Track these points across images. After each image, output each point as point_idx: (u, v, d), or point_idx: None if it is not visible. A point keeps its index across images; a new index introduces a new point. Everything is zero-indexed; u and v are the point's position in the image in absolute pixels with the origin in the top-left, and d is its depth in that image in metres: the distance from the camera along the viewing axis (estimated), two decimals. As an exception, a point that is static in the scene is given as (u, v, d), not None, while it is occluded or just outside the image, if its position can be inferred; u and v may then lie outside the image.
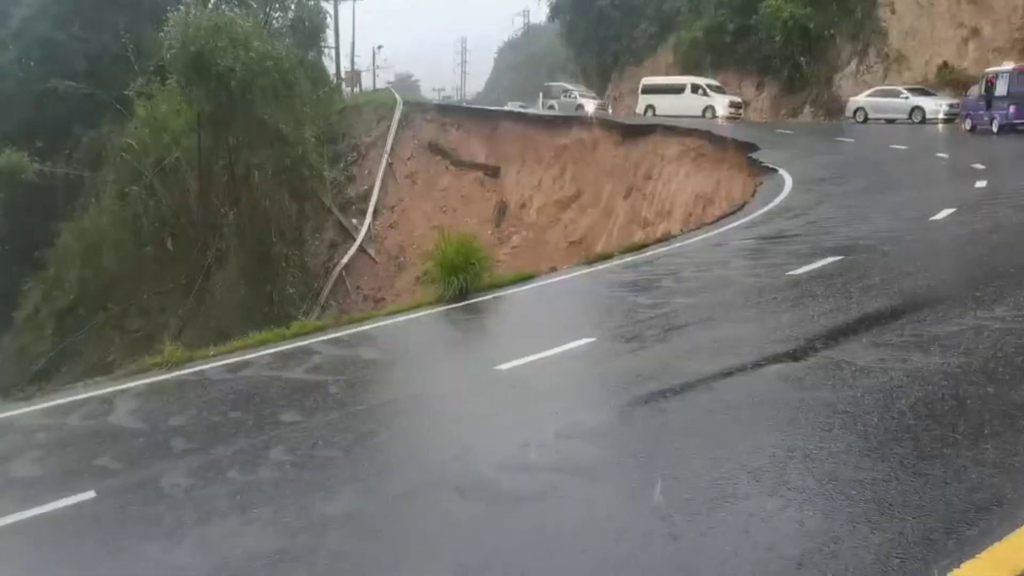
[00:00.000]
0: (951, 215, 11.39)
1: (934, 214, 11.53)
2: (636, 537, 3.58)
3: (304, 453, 5.30)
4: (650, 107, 39.84)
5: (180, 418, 6.55)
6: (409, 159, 38.33)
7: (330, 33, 42.50)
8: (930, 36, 36.54)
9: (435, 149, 38.69)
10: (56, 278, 31.79)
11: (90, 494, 4.94)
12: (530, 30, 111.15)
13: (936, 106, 31.46)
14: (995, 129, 25.20)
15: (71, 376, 22.94)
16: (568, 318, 8.85)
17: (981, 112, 26.60)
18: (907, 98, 32.53)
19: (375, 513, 4.31)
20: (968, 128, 27.05)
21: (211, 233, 28.63)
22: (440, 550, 3.81)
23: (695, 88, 39.21)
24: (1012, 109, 24.89)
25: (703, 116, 37.11)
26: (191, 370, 8.26)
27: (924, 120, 30.91)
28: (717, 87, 39.80)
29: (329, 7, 43.66)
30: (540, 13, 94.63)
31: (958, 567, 2.94)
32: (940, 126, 29.86)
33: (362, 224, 35.09)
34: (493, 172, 37.37)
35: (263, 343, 9.46)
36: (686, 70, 43.41)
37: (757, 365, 5.77)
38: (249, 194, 25.14)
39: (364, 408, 6.37)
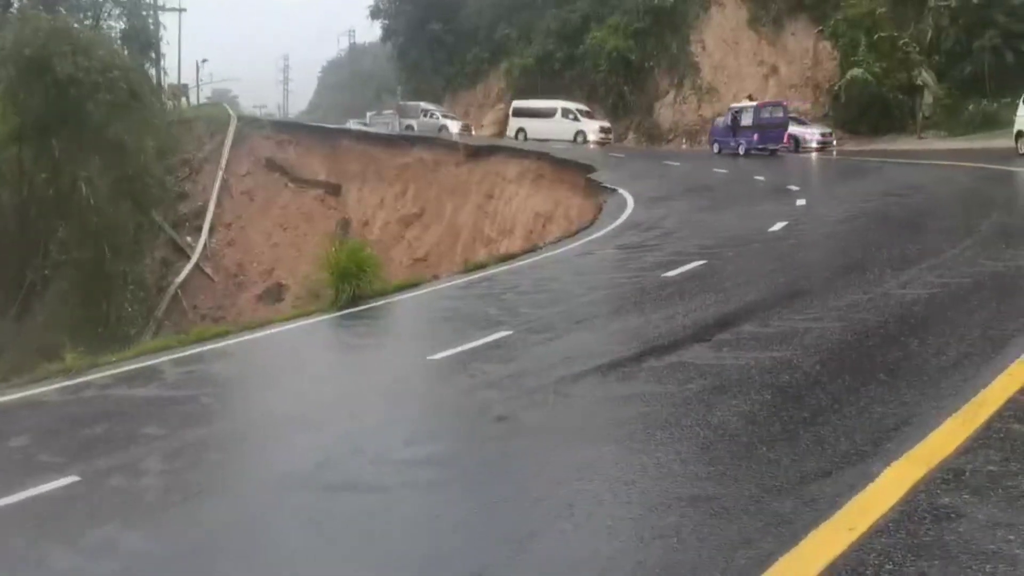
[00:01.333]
0: (783, 227, 13.05)
1: (769, 228, 13.14)
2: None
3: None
4: (521, 130, 39.74)
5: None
6: (245, 175, 37.46)
7: (161, 45, 40.80)
8: (737, 72, 40.37)
9: (273, 166, 38.05)
10: None
11: None
12: (355, 49, 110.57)
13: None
14: (741, 152, 30.92)
15: None
16: (478, 315, 9.46)
17: (728, 139, 32.29)
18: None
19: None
20: (716, 151, 32.72)
21: (33, 249, 26.79)
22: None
23: (566, 112, 39.47)
24: (756, 136, 30.73)
25: (574, 141, 37.59)
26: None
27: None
28: (587, 112, 40.18)
29: (162, 18, 41.94)
30: (366, 33, 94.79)
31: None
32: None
33: (197, 242, 33.86)
34: (334, 190, 37.29)
35: (160, 350, 9.49)
36: (517, 94, 45.23)
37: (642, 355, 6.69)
38: (81, 207, 23.75)
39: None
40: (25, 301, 27.12)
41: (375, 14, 57.05)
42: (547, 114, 39.60)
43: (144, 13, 36.28)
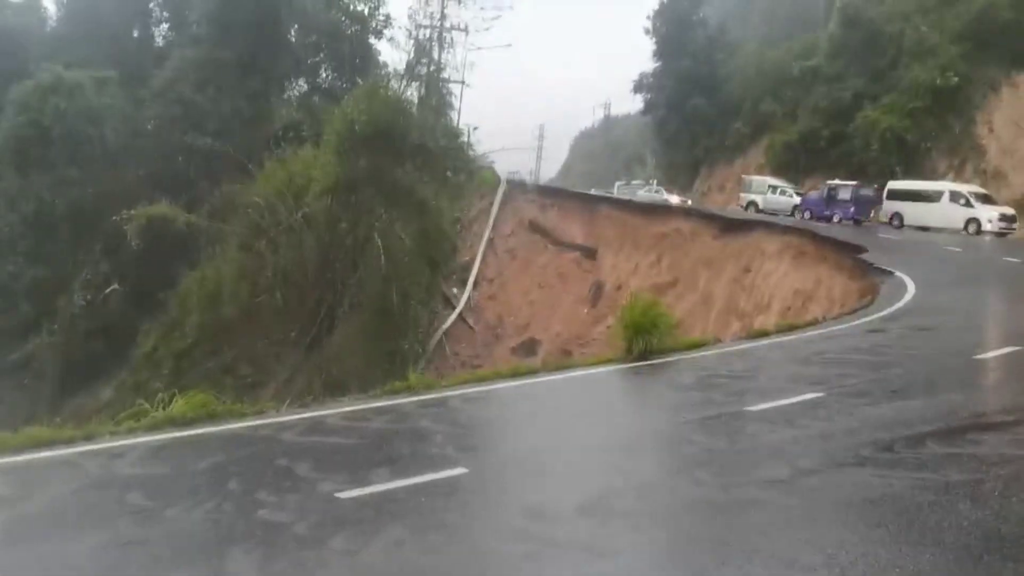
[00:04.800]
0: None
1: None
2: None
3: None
4: (897, 215, 36.13)
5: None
6: (509, 235, 40.00)
7: (453, 114, 45.22)
8: (1029, 156, 37.34)
9: (535, 227, 40.33)
10: (176, 321, 33.63)
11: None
12: (608, 120, 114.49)
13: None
14: (835, 220, 36.30)
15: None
16: (781, 376, 9.76)
17: (823, 210, 37.98)
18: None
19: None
20: (808, 218, 37.73)
21: (329, 290, 30.24)
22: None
23: (955, 196, 34.08)
24: (852, 208, 36.95)
25: (965, 230, 32.64)
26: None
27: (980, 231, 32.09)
28: (983, 196, 34.37)
29: (453, 88, 46.53)
30: (620, 105, 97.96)
31: None
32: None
33: (462, 293, 36.50)
34: (590, 253, 38.76)
35: (481, 380, 10.68)
36: (777, 171, 44.79)
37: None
38: (378, 256, 26.74)
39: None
40: (317, 335, 30.66)
41: (638, 88, 59.01)
42: (931, 198, 34.93)
43: (440, 84, 40.51)
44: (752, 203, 42.26)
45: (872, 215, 37.46)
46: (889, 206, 36.63)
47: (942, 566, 4.04)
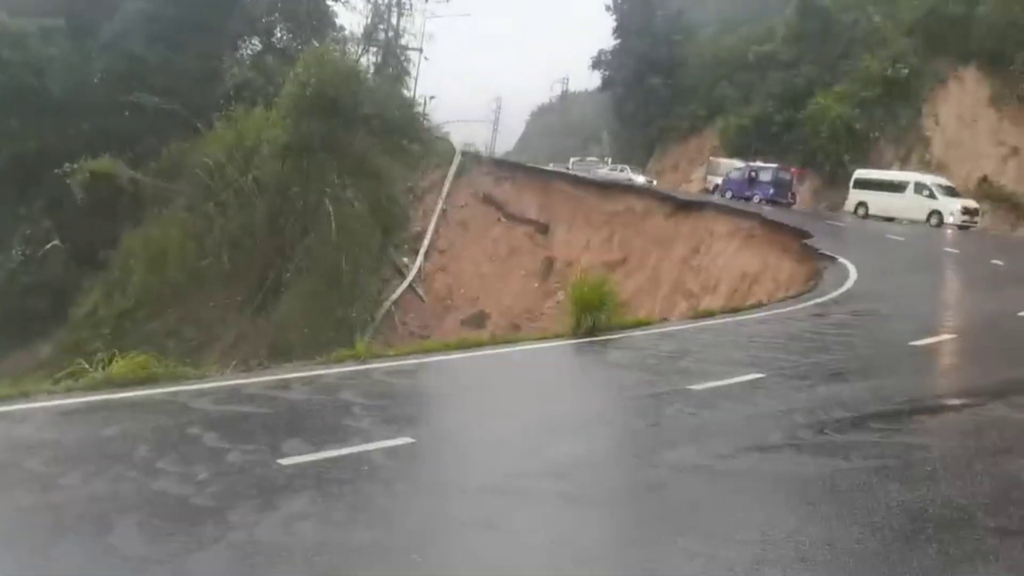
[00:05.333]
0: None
1: (1020, 312, 12.71)
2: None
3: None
4: (862, 204, 35.82)
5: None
6: (463, 207, 39.75)
7: (410, 83, 44.53)
8: (973, 149, 38.37)
9: (488, 200, 40.16)
10: (118, 281, 32.84)
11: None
12: (566, 97, 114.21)
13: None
14: (756, 201, 36.73)
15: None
16: (723, 356, 9.93)
17: (744, 190, 38.72)
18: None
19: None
20: (728, 198, 38.31)
21: (278, 255, 29.85)
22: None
23: (919, 187, 34.17)
24: (772, 190, 37.78)
25: (927, 222, 32.68)
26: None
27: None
28: (948, 188, 34.24)
29: (412, 56, 45.80)
30: (578, 82, 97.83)
31: None
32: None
33: (413, 263, 36.28)
34: (543, 228, 38.80)
35: (428, 351, 10.65)
36: (732, 153, 45.28)
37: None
38: (330, 223, 26.41)
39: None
40: (264, 301, 30.26)
41: (597, 65, 58.95)
42: (896, 188, 34.88)
43: (397, 50, 39.90)
44: (717, 186, 41.77)
45: (791, 198, 38.46)
46: (855, 195, 36.58)
47: (870, 544, 4.18)
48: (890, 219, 33.34)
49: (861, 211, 35.59)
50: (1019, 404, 7.05)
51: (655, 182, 46.46)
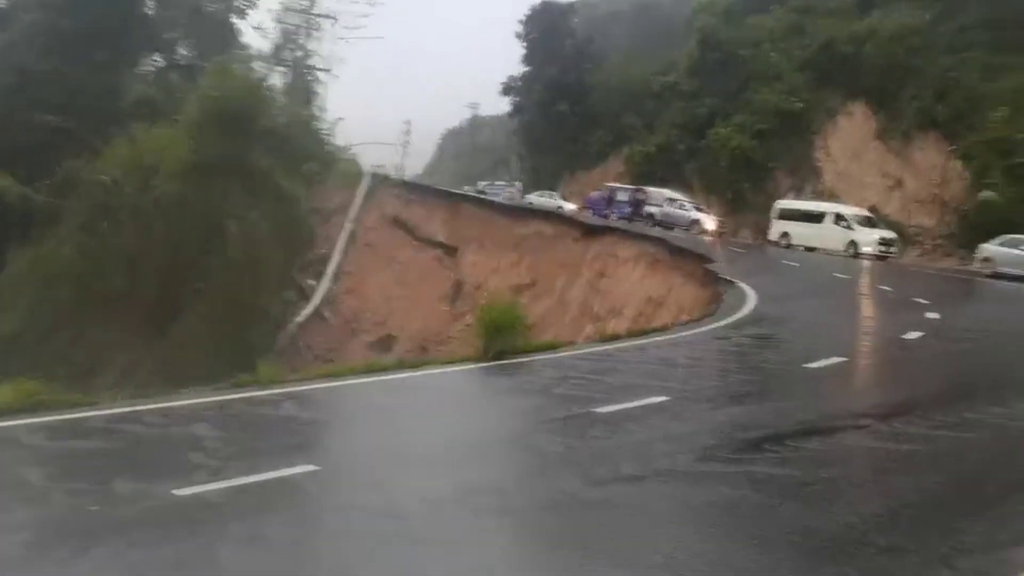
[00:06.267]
0: (919, 337, 13.28)
1: (903, 335, 13.38)
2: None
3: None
4: (785, 235, 36.24)
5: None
6: (371, 229, 39.52)
7: (320, 104, 43.96)
8: (860, 180, 40.42)
9: (397, 223, 40.05)
10: (5, 302, 31.17)
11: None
12: (476, 121, 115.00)
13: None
14: (614, 218, 39.76)
15: None
16: (630, 381, 10.08)
17: (603, 209, 42.23)
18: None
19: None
20: (591, 215, 41.42)
21: (178, 277, 28.90)
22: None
23: (838, 218, 34.81)
24: (628, 210, 41.03)
25: (846, 252, 33.05)
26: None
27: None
28: (866, 218, 34.90)
29: (320, 76, 45.29)
30: (489, 107, 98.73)
31: None
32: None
33: (320, 286, 35.75)
34: (452, 251, 38.88)
35: (334, 375, 10.44)
36: (636, 180, 46.41)
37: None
38: (234, 244, 25.73)
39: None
40: (162, 324, 29.18)
41: (507, 90, 59.66)
42: (816, 218, 35.39)
43: (304, 70, 39.47)
44: (649, 215, 41.62)
45: (645, 214, 41.17)
46: (778, 225, 37.00)
47: (768, 563, 4.29)
48: (812, 249, 33.74)
49: (784, 241, 36.09)
50: (905, 424, 7.38)
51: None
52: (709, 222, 38.57)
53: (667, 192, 42.03)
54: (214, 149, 24.46)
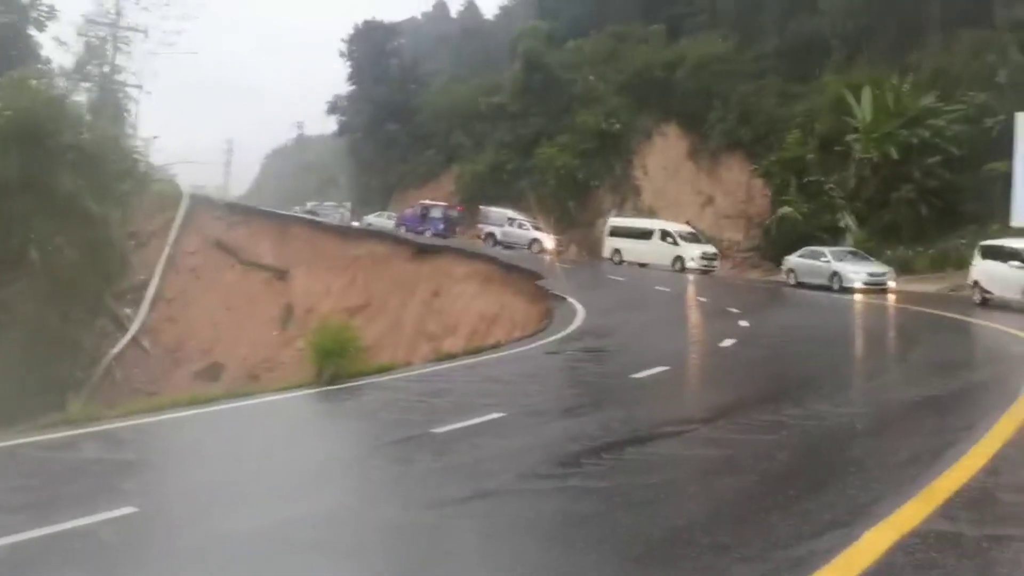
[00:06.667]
0: (733, 343, 14.26)
1: (719, 343, 14.32)
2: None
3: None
4: (617, 252, 37.39)
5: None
6: (193, 253, 37.61)
7: (132, 121, 41.30)
8: (676, 198, 42.98)
9: (221, 246, 38.34)
10: None
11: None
12: (302, 140, 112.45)
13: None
14: (428, 235, 41.58)
15: None
16: (468, 398, 10.15)
17: (417, 226, 44.04)
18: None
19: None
20: (404, 232, 43.39)
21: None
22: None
23: (664, 235, 36.32)
24: (442, 226, 43.36)
25: (672, 267, 34.84)
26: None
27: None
28: (690, 234, 36.75)
29: (132, 93, 42.62)
30: (314, 126, 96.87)
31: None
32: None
33: (137, 314, 33.58)
34: (281, 275, 37.67)
35: (153, 409, 9.85)
36: (468, 198, 47.03)
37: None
38: (35, 270, 23.67)
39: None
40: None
41: (332, 110, 58.86)
42: (645, 235, 36.80)
43: (114, 87, 37.02)
44: (490, 235, 41.75)
45: (455, 232, 43.30)
46: (610, 242, 38.09)
47: (605, 570, 4.46)
48: (643, 265, 35.12)
49: (616, 258, 37.29)
50: (724, 428, 7.90)
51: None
52: (548, 241, 39.40)
53: (508, 212, 42.31)
54: (11, 169, 22.42)
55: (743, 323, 17.47)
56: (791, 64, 39.87)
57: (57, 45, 38.25)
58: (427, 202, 46.42)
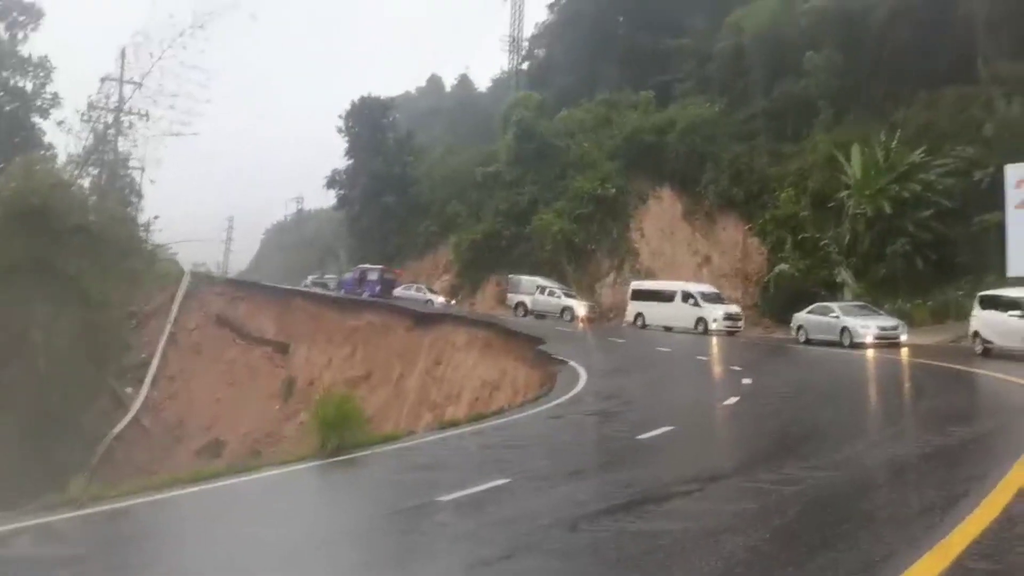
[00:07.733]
0: (736, 401, 14.18)
1: (722, 402, 14.24)
2: None
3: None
4: (640, 316, 36.49)
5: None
6: (194, 330, 37.68)
7: (138, 203, 41.64)
8: (673, 259, 43.17)
9: (223, 322, 38.43)
10: None
11: None
12: (301, 215, 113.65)
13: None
14: (365, 296, 44.53)
15: None
16: (473, 465, 10.07)
17: (356, 288, 46.81)
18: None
19: None
20: (343, 293, 46.75)
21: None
22: None
23: (686, 296, 35.27)
24: (378, 288, 45.78)
25: (695, 329, 33.81)
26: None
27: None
28: (713, 295, 35.70)
29: (137, 175, 43.16)
30: (313, 200, 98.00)
31: None
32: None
33: (138, 393, 33.45)
34: (283, 348, 37.66)
35: (162, 486, 9.75)
36: (465, 266, 47.29)
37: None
38: (34, 354, 23.66)
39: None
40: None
41: (331, 183, 59.65)
42: (667, 297, 35.76)
43: (120, 170, 37.54)
44: (520, 304, 41.21)
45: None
46: (633, 306, 37.17)
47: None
48: (669, 328, 34.20)
49: (639, 322, 36.37)
50: (731, 488, 7.81)
51: (454, 302, 46.48)
52: (580, 308, 38.76)
53: (538, 280, 41.45)
54: (16, 251, 22.61)
55: (746, 380, 17.37)
56: (780, 124, 40.53)
57: (61, 130, 38.92)
58: (365, 266, 49.81)
